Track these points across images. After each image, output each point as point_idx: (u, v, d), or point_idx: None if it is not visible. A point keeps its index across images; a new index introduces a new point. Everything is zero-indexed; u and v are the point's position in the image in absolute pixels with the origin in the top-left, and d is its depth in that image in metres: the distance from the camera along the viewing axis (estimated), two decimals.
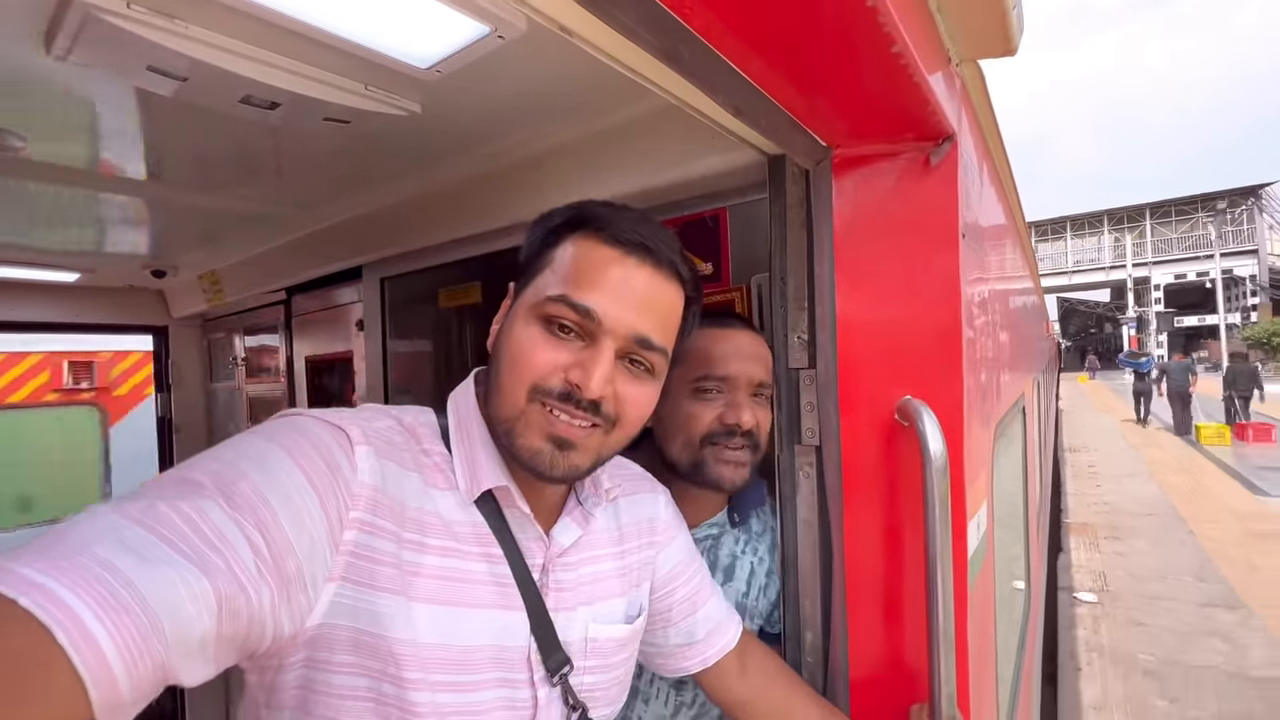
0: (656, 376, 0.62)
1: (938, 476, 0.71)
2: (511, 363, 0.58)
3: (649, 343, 0.59)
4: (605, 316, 0.56)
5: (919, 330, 0.80)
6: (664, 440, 0.90)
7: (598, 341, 0.57)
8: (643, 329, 0.58)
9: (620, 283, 0.57)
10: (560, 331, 0.57)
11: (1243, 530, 5.91)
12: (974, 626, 0.84)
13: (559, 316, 0.57)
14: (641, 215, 0.61)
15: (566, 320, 0.57)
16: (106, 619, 0.34)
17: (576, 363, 0.56)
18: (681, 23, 0.50)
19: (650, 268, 0.59)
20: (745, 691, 0.78)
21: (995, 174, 1.28)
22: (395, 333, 1.93)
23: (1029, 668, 1.93)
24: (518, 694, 0.59)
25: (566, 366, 0.56)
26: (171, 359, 2.87)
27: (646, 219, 0.61)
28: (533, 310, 0.58)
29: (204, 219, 1.75)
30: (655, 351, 0.60)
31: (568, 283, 0.57)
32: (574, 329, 0.57)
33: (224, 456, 0.48)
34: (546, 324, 0.58)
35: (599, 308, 0.56)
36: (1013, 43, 0.75)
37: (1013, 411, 1.60)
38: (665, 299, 0.61)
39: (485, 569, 0.58)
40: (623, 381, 0.58)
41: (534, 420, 0.57)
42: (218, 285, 2.37)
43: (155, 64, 0.77)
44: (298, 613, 0.47)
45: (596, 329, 0.57)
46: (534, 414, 0.57)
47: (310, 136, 1.15)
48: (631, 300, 0.58)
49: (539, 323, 0.58)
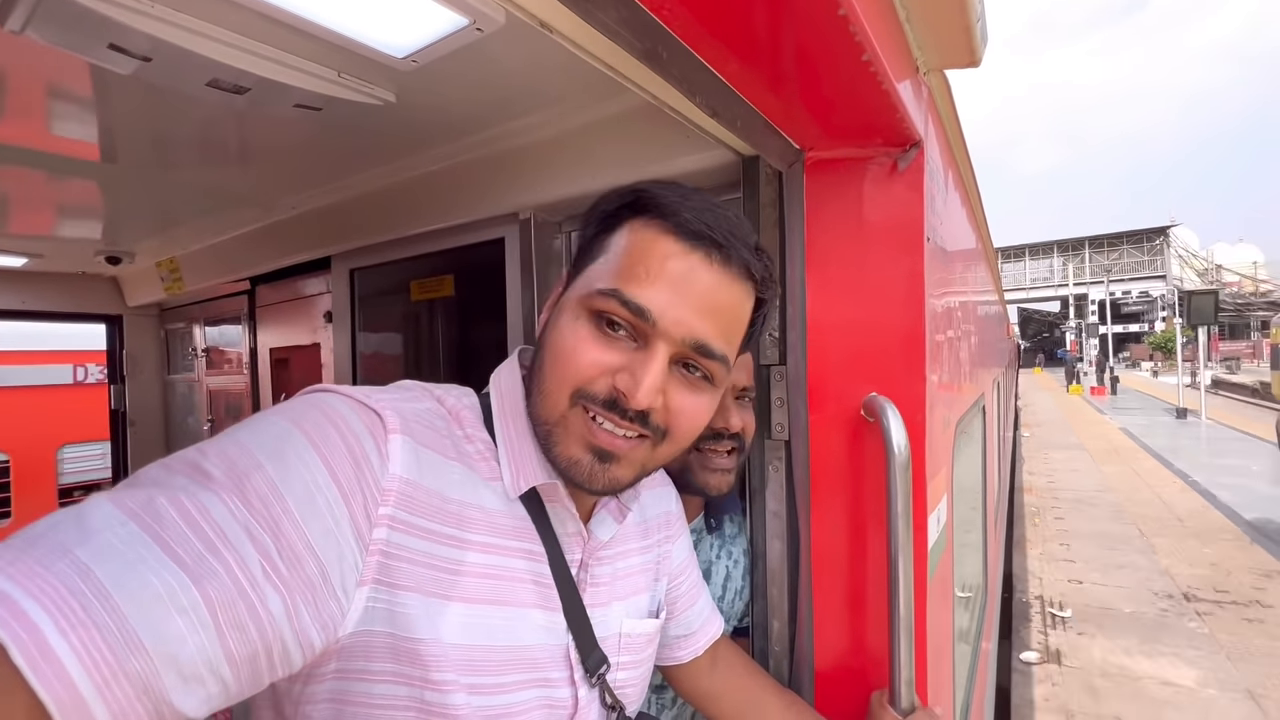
0: (716, 385, 0.56)
1: (900, 471, 0.74)
2: (555, 360, 0.53)
3: (708, 350, 0.52)
4: (662, 318, 0.50)
5: (885, 329, 0.83)
6: None
7: (651, 344, 0.51)
8: (702, 334, 0.52)
9: (681, 280, 0.51)
10: (609, 329, 0.52)
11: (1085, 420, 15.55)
12: (933, 615, 0.87)
13: (609, 312, 0.51)
14: (712, 202, 0.54)
15: (617, 317, 0.51)
16: (72, 634, 0.30)
17: (625, 367, 0.51)
18: (662, 25, 0.51)
19: (719, 265, 0.52)
20: (713, 684, 0.79)
21: (960, 180, 1.32)
22: (365, 325, 1.89)
23: (985, 655, 2.01)
24: (557, 693, 0.56)
25: (615, 370, 0.51)
26: (126, 350, 2.76)
27: (717, 206, 0.54)
28: (582, 303, 0.53)
29: (163, 204, 1.69)
30: (715, 360, 0.53)
31: (621, 276, 0.51)
32: (625, 327, 0.52)
33: (241, 440, 0.43)
34: (596, 320, 0.52)
35: (655, 307, 0.50)
36: (976, 54, 0.78)
37: (973, 410, 1.66)
38: (731, 300, 0.54)
39: (526, 566, 0.54)
40: (675, 390, 0.53)
41: (575, 427, 0.52)
42: (177, 273, 2.29)
43: (117, 42, 0.74)
44: (329, 621, 0.42)
45: (651, 330, 0.51)
46: (575, 420, 0.52)
47: (279, 122, 1.12)
48: (693, 301, 0.51)
49: (588, 317, 0.52)
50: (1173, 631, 4.15)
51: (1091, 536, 6.10)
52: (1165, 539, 5.92)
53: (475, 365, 1.59)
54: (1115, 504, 7.22)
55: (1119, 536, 6.06)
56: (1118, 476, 8.57)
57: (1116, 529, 6.30)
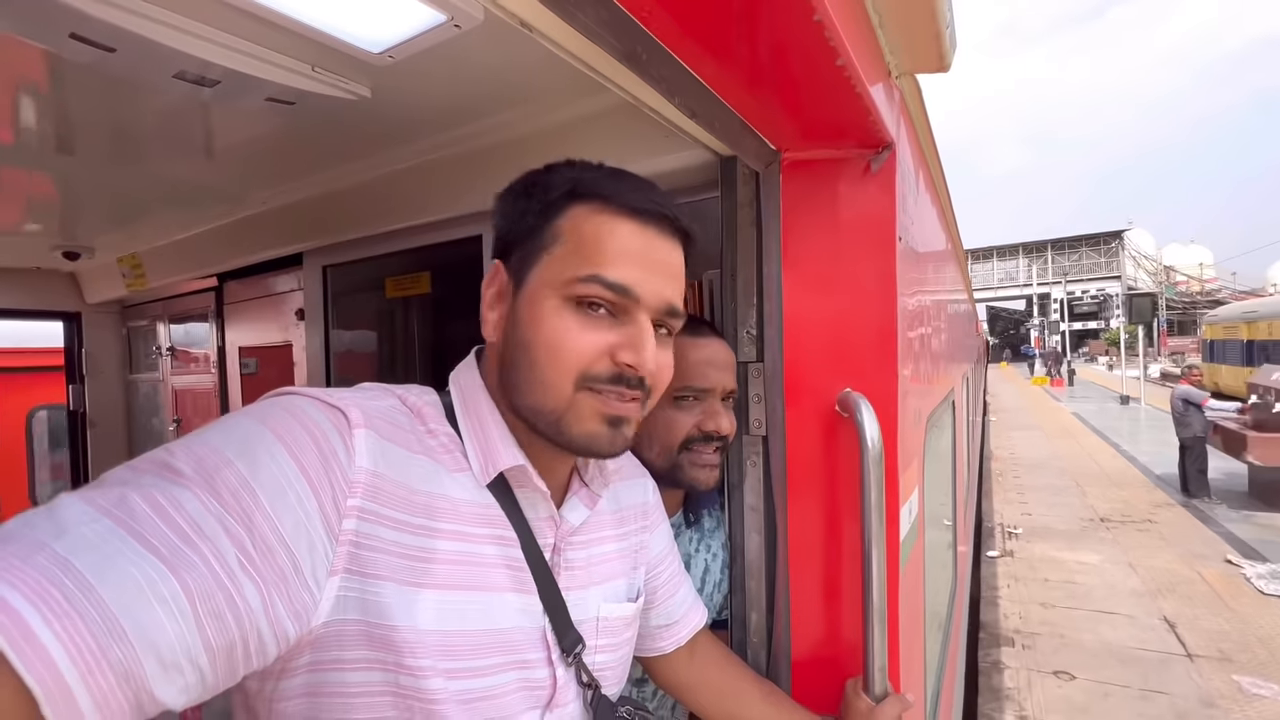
0: (673, 339, 0.62)
1: (874, 465, 0.76)
2: (550, 352, 0.55)
3: (676, 310, 0.59)
4: (643, 292, 0.55)
5: (859, 326, 0.85)
6: (637, 445, 0.90)
7: (634, 316, 0.56)
8: (671, 297, 0.58)
9: (646, 255, 0.56)
10: (591, 309, 0.55)
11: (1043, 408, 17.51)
12: (905, 604, 0.90)
13: (591, 296, 0.55)
14: (642, 179, 0.60)
15: (600, 299, 0.55)
16: (57, 623, 0.31)
17: (623, 343, 0.55)
18: (642, 27, 0.51)
19: (667, 235, 0.58)
20: (692, 675, 0.81)
21: (930, 181, 1.36)
22: (339, 323, 1.86)
23: (955, 641, 2.07)
24: (535, 674, 0.58)
25: (611, 348, 0.55)
26: (86, 348, 2.66)
27: (649, 183, 0.60)
28: (559, 292, 0.55)
29: (124, 197, 1.63)
30: (678, 317, 0.60)
31: (595, 260, 0.54)
32: (605, 305, 0.55)
33: (209, 440, 0.44)
34: (577, 306, 0.55)
35: (634, 284, 0.55)
36: (946, 60, 0.81)
37: (944, 404, 1.71)
38: (679, 262, 0.60)
39: (497, 551, 0.57)
40: (657, 351, 0.58)
41: (586, 407, 0.55)
42: (139, 269, 2.22)
43: (79, 32, 0.72)
44: (302, 611, 0.44)
45: (634, 305, 0.55)
46: (584, 401, 0.55)
47: (249, 115, 1.10)
48: (659, 270, 0.57)
49: (570, 305, 0.55)
50: (1089, 538, 6.25)
51: (1040, 488, 8.29)
52: (1094, 487, 8.18)
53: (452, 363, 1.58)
54: (1060, 467, 9.46)
55: (1060, 487, 8.30)
56: (1065, 448, 10.94)
57: (1059, 482, 8.53)
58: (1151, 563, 5.45)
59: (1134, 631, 4.22)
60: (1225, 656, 3.87)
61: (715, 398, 0.90)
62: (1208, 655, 3.89)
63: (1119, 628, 4.28)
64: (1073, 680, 3.68)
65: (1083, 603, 4.72)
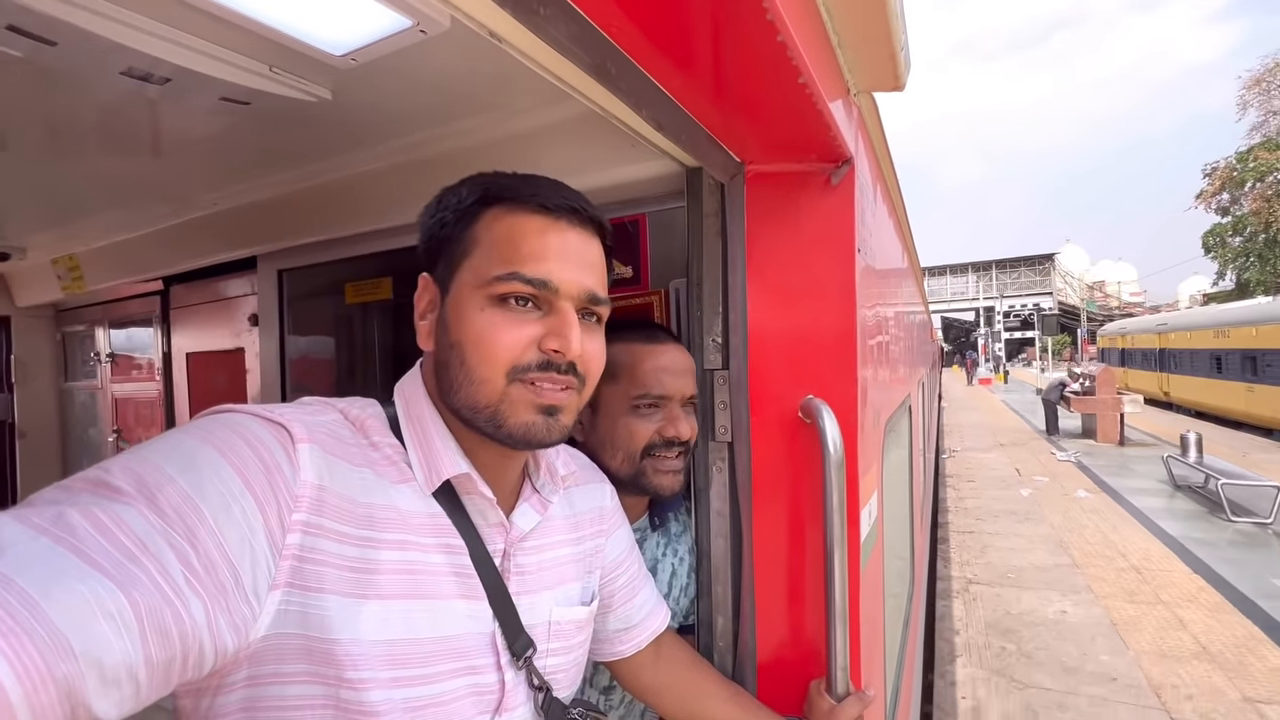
0: (603, 327, 0.64)
1: (835, 470, 0.79)
2: (479, 350, 0.56)
3: (597, 297, 0.61)
4: (561, 283, 0.57)
5: (820, 335, 0.88)
6: (600, 453, 0.91)
7: (557, 306, 0.58)
8: (590, 285, 0.60)
9: (560, 247, 0.58)
10: (517, 304, 0.57)
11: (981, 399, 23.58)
12: (866, 605, 0.93)
13: (513, 293, 0.56)
14: (551, 180, 0.62)
15: (522, 294, 0.57)
16: (2, 642, 0.31)
17: (549, 332, 0.57)
18: (612, 42, 0.52)
19: (579, 227, 0.60)
20: (658, 678, 0.81)
21: (888, 195, 1.41)
22: (295, 329, 1.80)
23: (913, 642, 2.13)
24: (484, 679, 0.59)
25: (538, 338, 0.57)
26: (15, 354, 2.49)
27: (558, 182, 0.62)
28: (481, 292, 0.57)
29: (59, 196, 1.54)
30: (602, 304, 0.62)
31: (512, 259, 0.57)
32: (529, 300, 0.57)
33: (147, 457, 0.44)
34: (501, 303, 0.57)
35: (553, 276, 0.57)
36: (900, 79, 0.84)
37: (901, 409, 1.77)
38: (596, 253, 0.62)
39: (445, 560, 0.57)
40: (585, 338, 0.59)
41: (519, 399, 0.57)
42: (77, 271, 2.10)
43: (17, 24, 0.68)
44: (241, 625, 0.44)
45: (554, 296, 0.57)
46: (517, 393, 0.57)
47: (201, 113, 1.06)
48: (575, 261, 0.59)
49: (494, 304, 0.57)
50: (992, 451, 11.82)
51: (971, 435, 14.00)
52: (1001, 435, 13.78)
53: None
54: (985, 426, 15.51)
55: (982, 434, 14.08)
56: (990, 420, 17.01)
57: (982, 432, 14.36)
58: (1018, 456, 11.09)
59: (1002, 472, 9.66)
60: (1031, 473, 9.52)
61: (675, 404, 0.91)
62: (1027, 473, 9.48)
63: (995, 470, 9.93)
64: (973, 484, 8.97)
65: (981, 471, 9.90)
